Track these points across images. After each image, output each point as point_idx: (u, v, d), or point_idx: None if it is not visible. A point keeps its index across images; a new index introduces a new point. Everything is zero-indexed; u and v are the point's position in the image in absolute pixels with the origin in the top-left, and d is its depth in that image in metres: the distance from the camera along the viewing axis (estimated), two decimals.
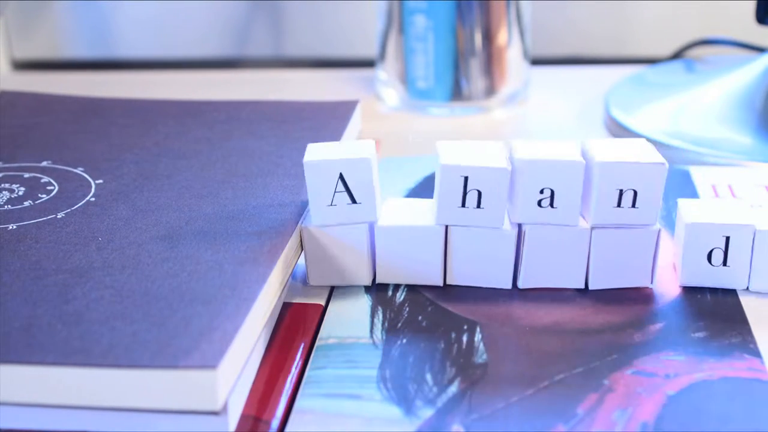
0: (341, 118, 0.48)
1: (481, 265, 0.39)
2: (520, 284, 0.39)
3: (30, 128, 0.49)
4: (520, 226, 0.39)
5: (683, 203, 0.40)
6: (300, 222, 0.40)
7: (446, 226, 0.39)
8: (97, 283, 0.35)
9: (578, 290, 0.39)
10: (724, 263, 0.39)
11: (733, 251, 0.38)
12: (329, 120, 0.47)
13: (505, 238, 0.39)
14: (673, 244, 0.41)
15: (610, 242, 0.39)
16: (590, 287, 0.39)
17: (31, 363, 0.30)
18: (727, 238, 0.38)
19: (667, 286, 0.40)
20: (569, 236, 0.39)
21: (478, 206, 0.38)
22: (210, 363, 0.30)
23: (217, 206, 0.40)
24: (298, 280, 0.41)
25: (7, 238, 0.38)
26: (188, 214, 0.40)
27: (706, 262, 0.39)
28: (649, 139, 0.55)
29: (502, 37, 0.62)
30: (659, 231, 0.38)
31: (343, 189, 0.38)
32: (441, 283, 0.40)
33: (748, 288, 0.39)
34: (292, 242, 0.38)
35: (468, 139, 0.41)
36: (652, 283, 0.39)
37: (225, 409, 0.31)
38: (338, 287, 0.40)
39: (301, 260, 0.40)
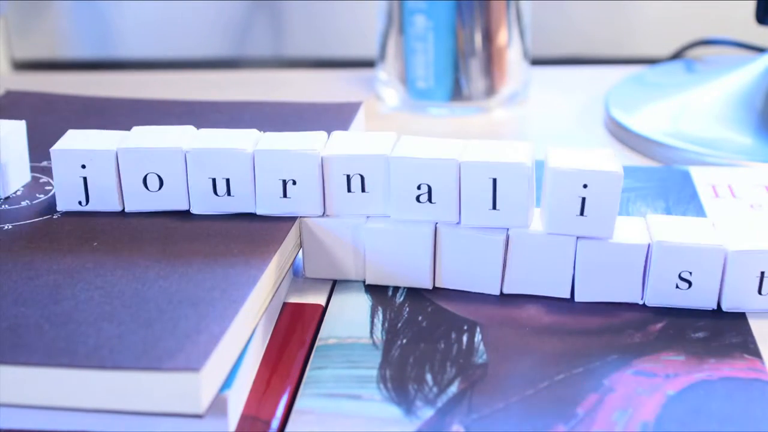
0: (345, 119, 0.48)
1: (470, 270, 0.39)
2: (505, 290, 0.39)
3: (32, 128, 0.49)
4: (507, 231, 0.38)
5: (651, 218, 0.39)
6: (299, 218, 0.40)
7: (435, 229, 0.39)
8: (87, 284, 0.35)
9: None
10: (690, 284, 0.37)
11: (699, 272, 0.37)
12: (333, 121, 0.47)
13: (494, 243, 0.38)
14: None
15: (596, 253, 0.38)
16: (576, 299, 0.38)
17: (15, 363, 0.30)
18: (695, 260, 0.37)
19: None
20: (553, 244, 0.38)
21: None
22: (194, 365, 0.30)
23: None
24: (300, 280, 0.41)
25: (2, 238, 0.38)
26: (183, 215, 0.40)
27: (673, 281, 0.37)
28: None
29: (502, 37, 0.62)
30: (649, 246, 0.37)
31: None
32: (430, 286, 0.40)
33: (719, 308, 0.38)
34: (288, 242, 0.38)
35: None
36: (642, 299, 0.38)
37: (224, 409, 0.31)
38: (338, 288, 0.40)
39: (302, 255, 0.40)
